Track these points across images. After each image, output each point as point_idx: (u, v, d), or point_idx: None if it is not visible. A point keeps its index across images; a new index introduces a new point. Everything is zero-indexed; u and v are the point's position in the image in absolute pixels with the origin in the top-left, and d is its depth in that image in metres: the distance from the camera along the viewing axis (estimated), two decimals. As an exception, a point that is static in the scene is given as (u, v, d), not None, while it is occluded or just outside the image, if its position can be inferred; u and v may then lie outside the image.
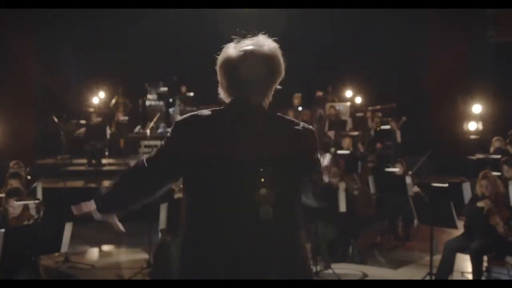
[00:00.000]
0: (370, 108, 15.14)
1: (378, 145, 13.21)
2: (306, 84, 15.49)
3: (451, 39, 13.96)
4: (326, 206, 2.72)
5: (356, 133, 13.17)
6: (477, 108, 12.88)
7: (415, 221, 8.58)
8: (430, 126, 14.35)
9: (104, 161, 13.42)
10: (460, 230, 7.14)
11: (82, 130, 13.23)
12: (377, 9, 14.42)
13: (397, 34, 14.81)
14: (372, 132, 13.90)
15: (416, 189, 8.76)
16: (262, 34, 2.50)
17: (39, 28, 14.69)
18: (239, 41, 2.46)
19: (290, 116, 13.84)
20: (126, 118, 15.47)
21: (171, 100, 16.57)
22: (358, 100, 16.05)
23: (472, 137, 12.99)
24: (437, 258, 7.15)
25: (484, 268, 7.03)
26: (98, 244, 9.36)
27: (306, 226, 7.06)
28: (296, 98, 15.01)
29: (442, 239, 8.02)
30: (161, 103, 16.62)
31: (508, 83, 12.93)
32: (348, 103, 15.32)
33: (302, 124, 2.47)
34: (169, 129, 2.49)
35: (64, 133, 12.17)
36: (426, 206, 7.14)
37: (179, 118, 2.47)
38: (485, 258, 7.06)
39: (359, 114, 14.79)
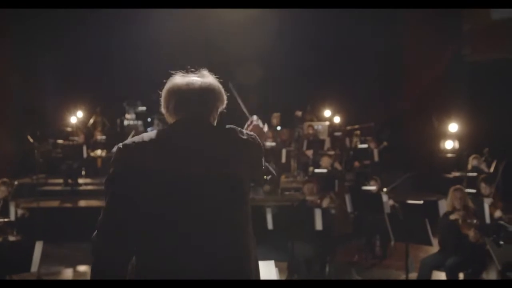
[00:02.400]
0: (348, 127, 15.20)
1: (356, 163, 13.24)
2: (285, 104, 15.55)
3: (428, 58, 14.10)
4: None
5: (333, 152, 13.19)
6: (453, 126, 12.98)
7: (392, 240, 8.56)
8: (407, 145, 14.43)
9: (80, 180, 13.28)
10: (435, 247, 7.16)
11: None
12: (355, 30, 14.58)
13: (375, 53, 14.94)
14: (350, 152, 13.93)
15: (391, 202, 8.77)
16: (204, 70, 2.66)
17: (18, 47, 14.65)
18: (184, 74, 2.62)
19: (269, 135, 13.71)
20: (104, 137, 15.35)
21: (149, 119, 16.50)
22: (337, 119, 16.11)
23: (449, 155, 13.06)
24: (414, 275, 7.14)
25: (460, 286, 7.02)
26: (72, 264, 9.22)
27: (282, 245, 6.97)
28: (275, 118, 15.00)
29: (418, 257, 8.00)
30: (140, 122, 16.55)
31: (483, 101, 13.05)
32: (327, 123, 15.36)
33: (246, 132, 2.57)
34: None
35: (38, 152, 12.01)
36: (401, 223, 7.15)
37: (121, 144, 2.46)
38: (461, 275, 7.06)
39: (337, 133, 14.84)
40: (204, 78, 2.60)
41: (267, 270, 3.81)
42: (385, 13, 13.67)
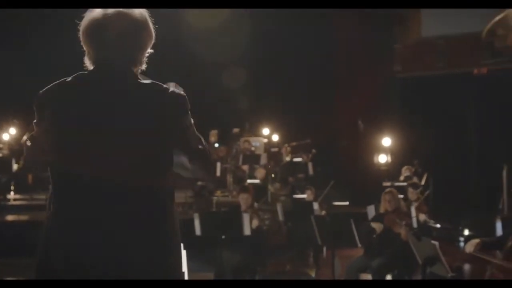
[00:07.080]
0: (286, 144, 15.25)
1: (290, 179, 13.28)
2: (223, 121, 15.50)
3: (361, 75, 14.37)
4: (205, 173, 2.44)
5: (268, 166, 13.21)
6: (386, 141, 13.23)
7: (324, 249, 8.57)
8: (342, 159, 14.59)
9: (10, 196, 12.84)
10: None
11: None
12: (291, 48, 14.75)
13: (310, 70, 15.13)
14: (285, 167, 13.96)
15: (323, 213, 8.81)
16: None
17: None
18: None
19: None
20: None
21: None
22: (275, 137, 16.15)
23: (383, 168, 13.29)
24: (342, 281, 7.09)
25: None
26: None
27: (210, 253, 6.77)
28: (213, 135, 14.92)
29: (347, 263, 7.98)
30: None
31: (414, 116, 13.36)
32: (265, 140, 15.38)
33: (171, 89, 2.25)
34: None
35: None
36: (327, 225, 7.11)
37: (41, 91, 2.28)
38: (389, 276, 7.06)
39: (274, 149, 14.86)
40: (130, 9, 2.25)
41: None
42: (319, 30, 13.89)
